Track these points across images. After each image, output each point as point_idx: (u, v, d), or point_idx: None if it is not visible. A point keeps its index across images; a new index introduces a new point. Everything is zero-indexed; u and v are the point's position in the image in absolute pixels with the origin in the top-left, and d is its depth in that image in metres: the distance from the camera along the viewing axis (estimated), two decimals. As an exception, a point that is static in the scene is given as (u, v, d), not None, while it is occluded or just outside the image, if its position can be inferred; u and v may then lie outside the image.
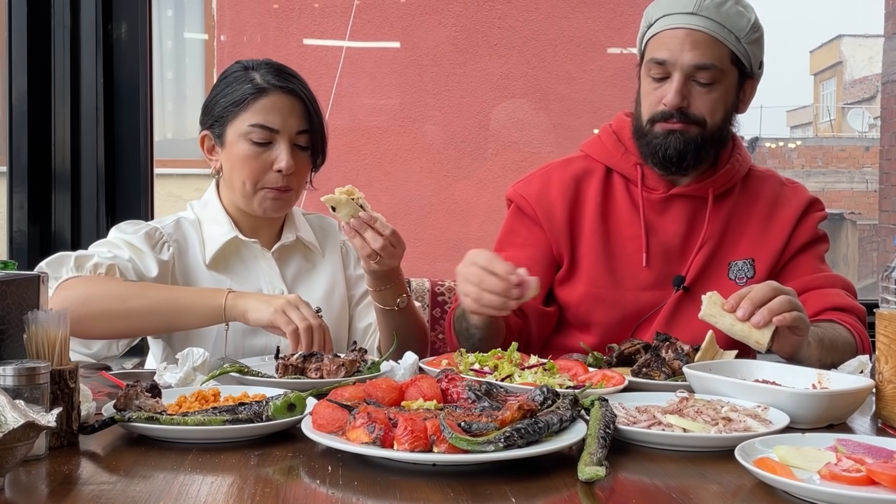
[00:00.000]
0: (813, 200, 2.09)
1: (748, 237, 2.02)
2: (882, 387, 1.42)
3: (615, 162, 2.04)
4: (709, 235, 1.99)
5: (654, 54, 1.91)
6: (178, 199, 6.10)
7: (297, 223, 2.07)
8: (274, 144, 1.90)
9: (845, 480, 1.04)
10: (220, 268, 1.97)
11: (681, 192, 2.00)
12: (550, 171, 2.09)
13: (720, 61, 1.89)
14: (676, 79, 1.88)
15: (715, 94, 1.90)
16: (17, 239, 2.61)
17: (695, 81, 1.89)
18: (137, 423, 1.25)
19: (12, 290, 1.26)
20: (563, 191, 2.04)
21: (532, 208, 2.04)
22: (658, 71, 1.91)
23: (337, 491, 1.07)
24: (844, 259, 8.79)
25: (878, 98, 11.05)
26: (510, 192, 2.11)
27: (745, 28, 1.90)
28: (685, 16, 1.89)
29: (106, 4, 2.64)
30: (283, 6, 4.79)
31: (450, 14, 4.61)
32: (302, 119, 1.92)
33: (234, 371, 1.58)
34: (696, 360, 1.64)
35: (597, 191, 2.03)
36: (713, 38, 1.88)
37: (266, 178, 1.90)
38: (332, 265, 2.09)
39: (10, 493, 1.05)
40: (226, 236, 1.96)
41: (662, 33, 1.91)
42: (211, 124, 1.96)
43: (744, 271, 2.00)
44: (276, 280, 1.99)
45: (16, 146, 2.60)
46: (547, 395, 1.26)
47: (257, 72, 1.92)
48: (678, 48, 1.88)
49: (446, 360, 1.65)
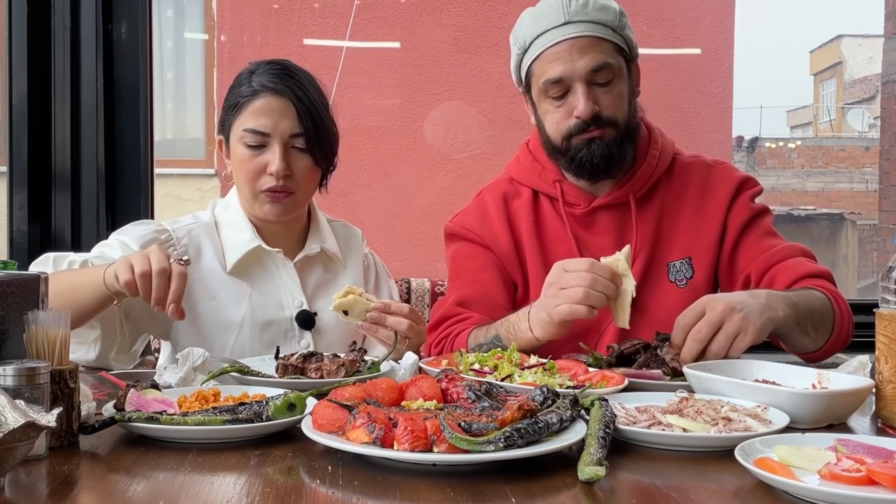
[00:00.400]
0: (744, 179, 2.04)
1: (682, 233, 1.98)
2: (882, 387, 1.42)
3: (535, 182, 2.03)
4: (641, 242, 1.96)
5: (546, 75, 1.88)
6: (178, 199, 6.11)
7: (322, 232, 2.05)
8: (268, 147, 1.87)
9: (845, 480, 1.04)
10: (242, 275, 1.95)
11: (602, 203, 1.97)
12: (483, 198, 2.08)
13: (610, 56, 1.88)
14: (580, 89, 1.86)
15: (616, 89, 1.89)
16: (17, 239, 2.61)
17: (594, 84, 1.87)
18: (137, 423, 1.25)
19: (12, 290, 1.26)
20: (500, 216, 2.03)
21: (478, 237, 2.03)
22: (556, 89, 1.88)
23: (337, 491, 1.07)
24: (844, 259, 8.79)
25: (877, 98, 11.07)
26: (450, 227, 2.09)
27: (615, 18, 1.90)
28: (559, 28, 1.87)
29: (106, 4, 2.64)
30: (283, 6, 4.79)
31: (450, 14, 4.61)
32: (294, 122, 1.87)
33: (234, 371, 1.57)
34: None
35: (527, 212, 2.02)
36: (595, 39, 1.87)
37: (261, 181, 1.88)
38: (354, 277, 2.07)
39: (10, 493, 1.05)
40: (248, 245, 1.94)
41: (545, 53, 1.88)
42: (221, 129, 1.97)
43: (682, 272, 1.96)
44: (296, 291, 1.97)
45: (16, 146, 2.60)
46: (547, 395, 1.26)
47: (256, 73, 1.90)
48: (568, 59, 1.85)
49: (446, 360, 1.65)
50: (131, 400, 1.33)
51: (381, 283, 2.16)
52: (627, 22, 1.94)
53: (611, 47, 1.89)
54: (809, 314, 1.75)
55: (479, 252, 2.04)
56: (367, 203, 4.66)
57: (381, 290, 2.14)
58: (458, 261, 2.07)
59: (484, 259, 2.03)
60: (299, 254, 2.00)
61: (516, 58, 1.96)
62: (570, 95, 1.88)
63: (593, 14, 1.87)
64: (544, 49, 1.88)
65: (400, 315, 1.77)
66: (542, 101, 1.93)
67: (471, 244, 2.05)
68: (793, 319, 1.70)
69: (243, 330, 1.91)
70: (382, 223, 4.79)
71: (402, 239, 5.00)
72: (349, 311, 1.75)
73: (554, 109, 1.91)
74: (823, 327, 1.79)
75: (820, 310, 1.78)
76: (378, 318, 1.76)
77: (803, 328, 1.75)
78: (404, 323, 1.76)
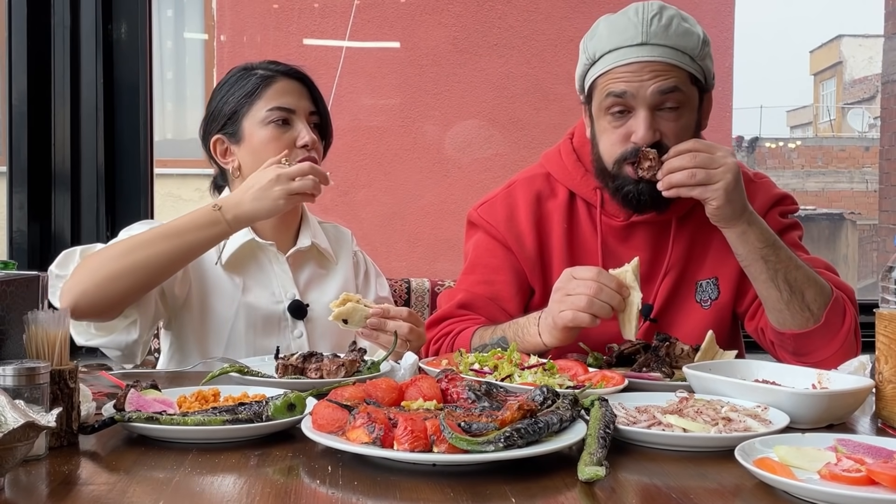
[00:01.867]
0: (781, 197, 1.99)
1: (713, 252, 1.94)
2: (882, 387, 1.42)
3: (575, 185, 1.96)
4: (674, 261, 1.93)
5: (610, 88, 1.78)
6: (178, 199, 6.10)
7: (313, 229, 2.09)
8: (292, 124, 1.94)
9: (845, 480, 1.04)
10: (235, 269, 1.98)
11: (644, 220, 1.91)
12: (513, 192, 2.00)
13: (683, 84, 1.78)
14: (643, 113, 1.77)
15: (683, 119, 1.80)
16: (17, 239, 2.61)
17: (660, 110, 1.78)
18: (137, 423, 1.25)
19: (12, 290, 1.26)
20: (529, 217, 1.96)
21: (502, 235, 1.97)
22: (617, 105, 1.78)
23: (337, 491, 1.07)
24: (844, 259, 8.79)
25: (877, 98, 11.06)
26: (474, 216, 2.03)
27: (697, 46, 1.79)
28: (635, 48, 1.76)
29: (106, 4, 2.64)
30: (283, 6, 4.79)
31: (450, 14, 4.61)
32: (311, 101, 1.99)
33: (234, 371, 1.58)
34: (696, 360, 1.64)
35: (562, 216, 1.95)
36: (670, 65, 1.76)
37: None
38: (345, 273, 2.11)
39: (10, 493, 1.05)
40: (242, 238, 1.97)
41: (613, 70, 1.78)
42: (222, 125, 1.98)
43: (708, 292, 1.94)
44: (288, 284, 2.01)
45: (16, 146, 2.60)
46: (547, 395, 1.26)
47: (258, 67, 1.99)
48: (636, 80, 1.76)
49: (446, 360, 1.65)
50: (131, 400, 1.33)
51: (370, 279, 2.19)
52: (710, 51, 1.83)
53: (686, 76, 1.79)
54: (788, 266, 1.75)
55: (499, 251, 1.98)
56: (366, 203, 4.66)
57: (370, 285, 2.17)
58: (476, 253, 2.02)
59: (503, 259, 1.97)
60: (292, 248, 2.03)
61: (583, 67, 1.87)
62: (631, 118, 1.79)
63: (674, 39, 1.76)
64: (614, 66, 1.78)
65: (399, 318, 1.77)
66: (600, 119, 1.84)
67: (493, 240, 1.99)
68: (763, 246, 1.74)
69: (238, 321, 1.94)
70: (382, 223, 4.79)
71: (402, 239, 5.01)
72: (349, 319, 1.76)
73: (612, 130, 1.81)
74: (804, 300, 1.75)
75: (808, 283, 1.76)
76: (378, 324, 1.76)
77: (773, 273, 1.73)
78: (405, 326, 1.76)
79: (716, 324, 1.90)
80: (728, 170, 1.71)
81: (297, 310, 1.99)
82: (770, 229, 1.78)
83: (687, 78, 1.80)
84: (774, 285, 1.75)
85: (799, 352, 1.79)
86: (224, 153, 2.00)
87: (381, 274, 2.24)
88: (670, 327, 1.91)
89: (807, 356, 1.78)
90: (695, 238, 1.95)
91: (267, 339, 1.95)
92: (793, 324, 1.77)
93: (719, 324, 1.92)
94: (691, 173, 1.71)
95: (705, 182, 1.70)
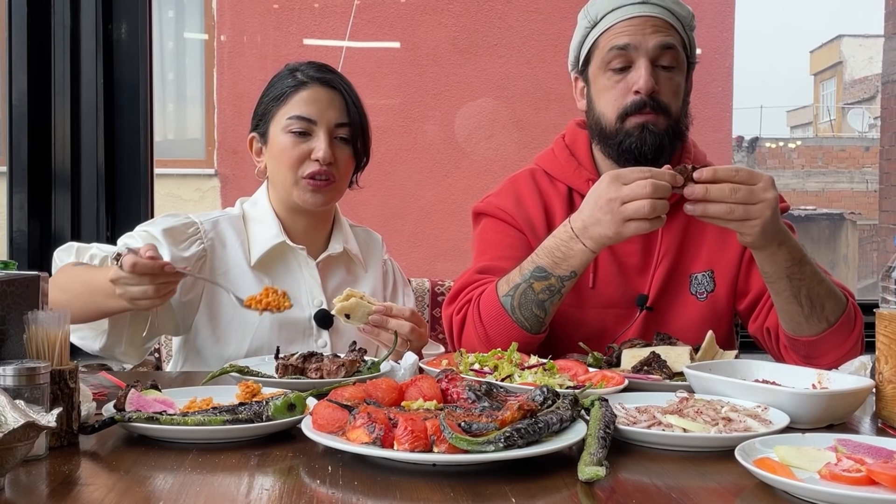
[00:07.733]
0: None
1: (707, 246, 1.95)
2: (882, 387, 1.42)
3: (570, 177, 1.99)
4: (665, 250, 1.94)
5: (613, 42, 1.86)
6: (178, 199, 6.10)
7: (345, 234, 2.07)
8: (313, 135, 1.91)
9: (845, 480, 1.04)
10: (265, 270, 1.95)
11: None
12: (515, 183, 2.03)
13: (678, 44, 1.88)
14: (643, 64, 1.84)
15: (677, 78, 1.88)
16: (17, 239, 2.61)
17: (658, 66, 1.86)
18: (137, 423, 1.25)
19: (12, 290, 1.26)
20: (535, 200, 1.98)
21: (512, 218, 1.98)
22: (620, 59, 1.86)
23: (337, 491, 1.07)
24: (844, 259, 8.79)
25: (878, 98, 11.06)
26: (480, 206, 2.03)
27: (689, 16, 1.91)
28: (635, 6, 1.87)
29: (106, 4, 2.64)
30: (283, 6, 4.78)
31: (450, 14, 4.61)
32: (341, 112, 1.93)
33: (234, 371, 1.57)
34: (695, 359, 1.64)
35: (563, 209, 1.96)
36: (669, 23, 1.87)
37: (304, 167, 1.90)
38: (373, 282, 2.08)
39: (10, 493, 1.05)
40: (274, 240, 1.95)
41: (616, 26, 1.87)
42: (257, 125, 1.99)
43: (703, 285, 1.94)
44: (316, 290, 1.98)
45: (16, 146, 2.60)
46: (547, 395, 1.26)
47: (299, 69, 1.96)
48: (639, 33, 1.85)
49: (446, 360, 1.65)
50: (131, 400, 1.33)
51: (398, 290, 2.16)
52: (695, 30, 1.94)
53: (680, 40, 1.89)
54: (812, 282, 1.72)
55: (511, 231, 1.98)
56: (367, 203, 4.66)
57: (398, 297, 2.14)
58: (485, 236, 2.01)
59: (515, 238, 1.97)
60: (323, 253, 2.01)
61: (583, 31, 1.94)
62: (632, 71, 1.86)
63: (670, 2, 1.89)
64: (616, 22, 1.87)
65: (401, 318, 1.77)
66: (599, 77, 1.90)
67: (503, 223, 1.99)
68: (790, 265, 1.69)
69: (262, 326, 1.90)
70: (382, 223, 4.79)
71: (403, 239, 5.01)
72: (351, 314, 1.75)
73: (612, 85, 1.88)
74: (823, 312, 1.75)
75: (829, 296, 1.75)
76: (380, 321, 1.76)
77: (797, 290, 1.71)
78: (406, 326, 1.76)
79: (712, 316, 1.91)
80: (767, 206, 1.62)
81: (323, 319, 1.95)
82: (799, 245, 1.73)
83: (680, 42, 1.90)
84: (797, 301, 1.74)
85: (811, 355, 1.80)
86: (258, 152, 2.00)
87: (409, 283, 2.23)
88: (665, 319, 1.91)
89: (818, 359, 1.79)
90: (688, 229, 1.96)
91: (289, 345, 1.90)
92: (809, 332, 1.78)
93: (715, 316, 1.93)
94: (730, 209, 1.61)
95: (743, 218, 1.62)
